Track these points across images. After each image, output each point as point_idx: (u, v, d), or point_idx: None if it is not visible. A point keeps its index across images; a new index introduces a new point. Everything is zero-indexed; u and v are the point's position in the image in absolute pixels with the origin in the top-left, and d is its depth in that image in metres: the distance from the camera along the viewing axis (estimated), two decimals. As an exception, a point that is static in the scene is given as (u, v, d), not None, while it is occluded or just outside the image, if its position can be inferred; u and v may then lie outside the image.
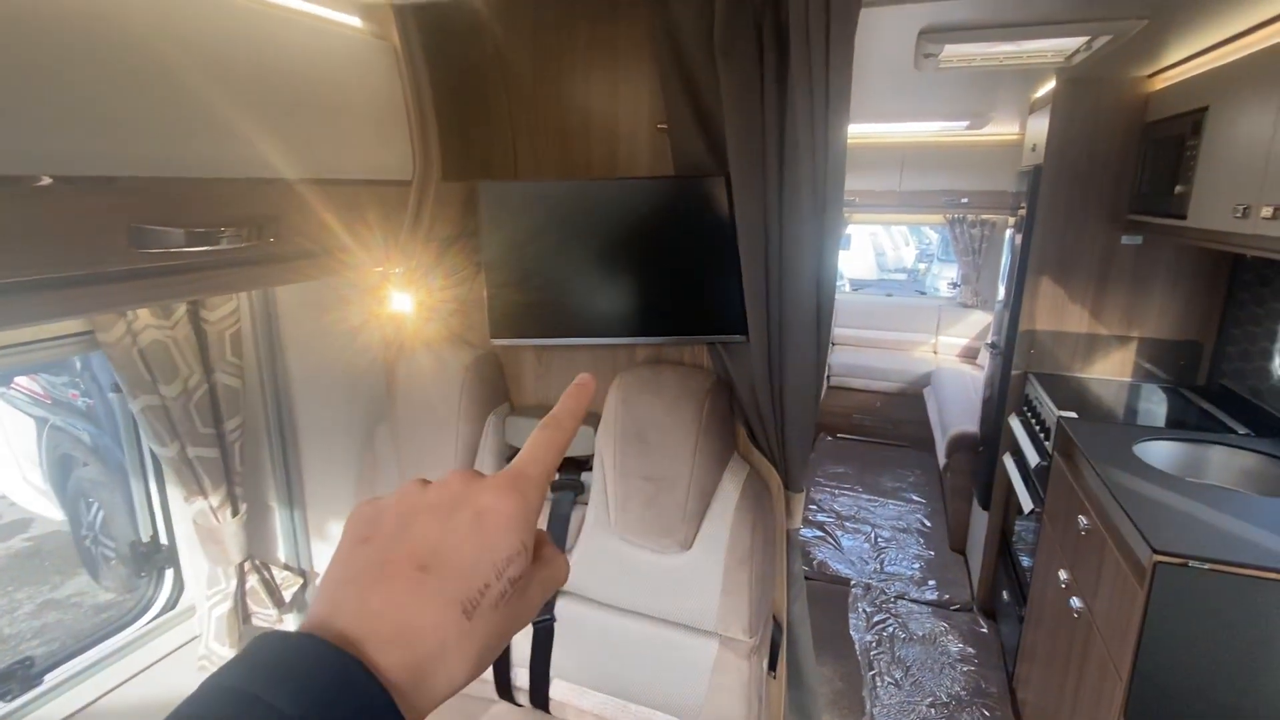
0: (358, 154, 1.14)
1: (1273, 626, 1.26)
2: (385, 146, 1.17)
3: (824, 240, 1.18)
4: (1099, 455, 1.76)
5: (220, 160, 0.89)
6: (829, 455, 4.64)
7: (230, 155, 0.90)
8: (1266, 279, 2.15)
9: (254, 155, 0.94)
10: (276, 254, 1.03)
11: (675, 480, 1.28)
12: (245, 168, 0.93)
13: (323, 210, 1.08)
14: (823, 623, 2.82)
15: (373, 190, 1.17)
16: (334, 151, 1.09)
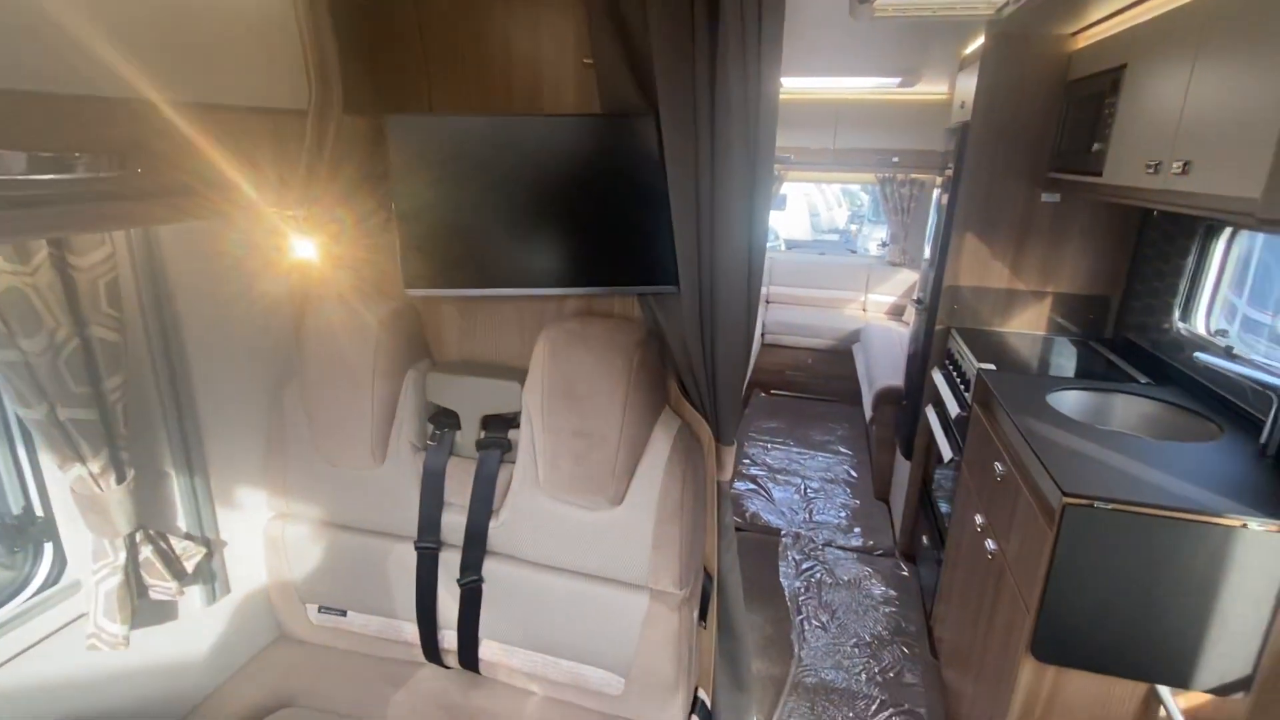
0: (242, 77, 1.01)
1: (1167, 561, 1.34)
2: (276, 70, 1.05)
3: (755, 192, 1.14)
4: (1014, 405, 1.83)
5: (68, 73, 0.76)
6: (763, 411, 4.72)
7: (81, 68, 0.77)
8: (1170, 236, 2.26)
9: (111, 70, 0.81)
10: (148, 188, 0.90)
11: (606, 436, 1.24)
12: (100, 84, 0.80)
13: (202, 139, 0.95)
14: (755, 572, 2.89)
15: (263, 120, 1.05)
16: (213, 72, 0.97)
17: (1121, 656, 1.42)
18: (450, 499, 1.42)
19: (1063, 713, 1.51)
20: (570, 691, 1.43)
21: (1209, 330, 2.11)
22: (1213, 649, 1.36)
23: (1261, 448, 1.59)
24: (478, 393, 1.40)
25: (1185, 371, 2.07)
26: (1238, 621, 1.34)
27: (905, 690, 2.26)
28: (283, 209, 1.20)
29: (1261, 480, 1.46)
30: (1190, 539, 1.32)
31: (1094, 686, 1.47)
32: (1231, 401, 1.84)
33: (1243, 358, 1.82)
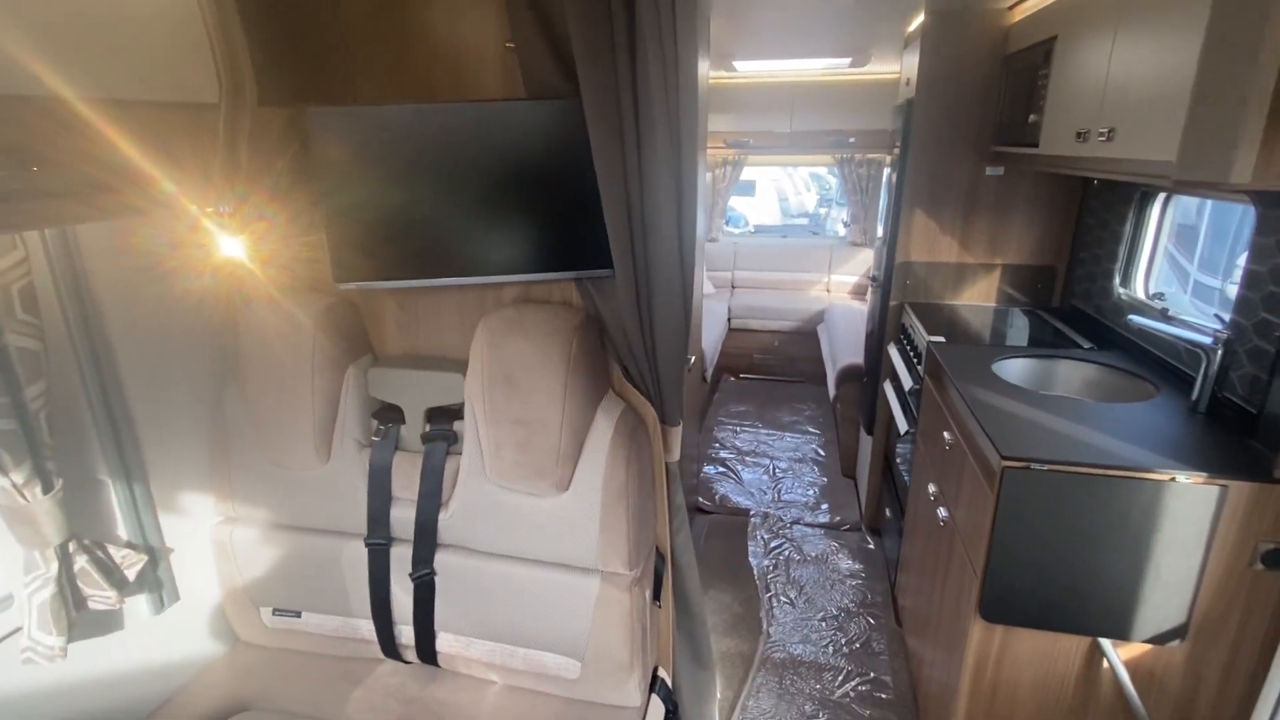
0: (152, 71, 0.99)
1: (1104, 517, 1.38)
2: (185, 64, 1.02)
3: (681, 174, 1.15)
4: (961, 375, 1.87)
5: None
6: (731, 396, 4.75)
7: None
8: (1108, 204, 2.32)
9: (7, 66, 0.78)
10: (51, 188, 0.88)
11: (547, 422, 1.24)
12: (-9, 81, 0.78)
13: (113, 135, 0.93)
14: (724, 553, 2.92)
15: (179, 115, 1.02)
16: (120, 67, 0.94)
17: (1064, 613, 1.46)
18: (398, 494, 1.41)
19: (1012, 670, 1.55)
20: (529, 678, 1.44)
21: (1147, 295, 2.17)
22: (1149, 600, 1.41)
23: (1193, 404, 1.65)
24: (420, 386, 1.39)
25: (1126, 335, 2.13)
26: (1171, 572, 1.39)
27: (872, 659, 2.31)
28: (207, 206, 1.18)
29: (1191, 435, 1.51)
30: (1123, 495, 1.36)
31: (1040, 643, 1.52)
32: (1168, 362, 1.90)
33: (1176, 319, 1.88)
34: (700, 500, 3.33)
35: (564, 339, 1.24)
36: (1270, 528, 1.34)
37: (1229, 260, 2.07)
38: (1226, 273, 2.16)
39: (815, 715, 2.09)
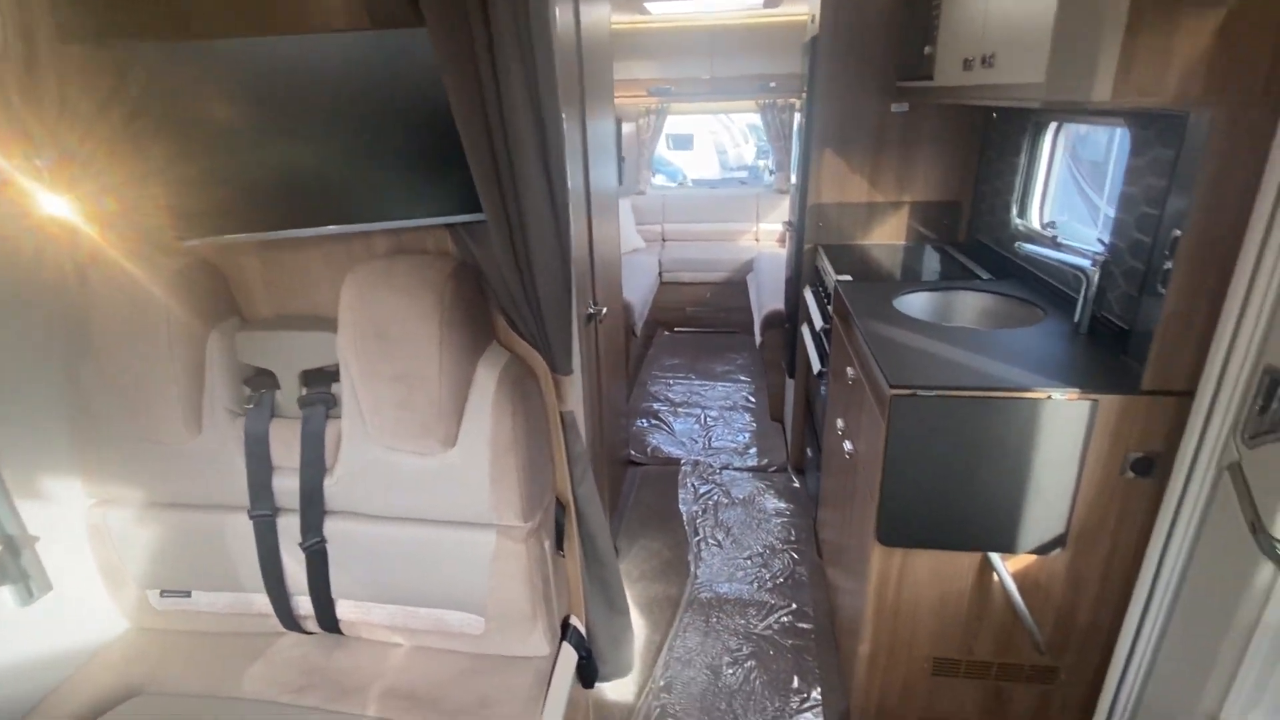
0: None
1: (987, 437, 1.43)
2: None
3: (544, 116, 1.09)
4: (863, 311, 1.89)
5: None
6: (665, 350, 4.76)
7: None
8: (1005, 135, 2.36)
9: None
10: None
11: (426, 377, 1.19)
12: None
13: None
14: (655, 502, 2.95)
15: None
16: None
17: (955, 531, 1.53)
18: (279, 462, 1.34)
19: (912, 589, 1.62)
20: (433, 637, 1.42)
21: (1042, 224, 2.23)
22: (1031, 514, 1.48)
23: (1075, 325, 1.71)
24: (292, 348, 1.32)
25: (1021, 265, 2.19)
26: (1050, 486, 1.45)
27: (795, 592, 2.39)
28: (19, 159, 1.06)
29: (1071, 355, 1.57)
30: (1003, 415, 1.41)
31: (936, 562, 1.58)
32: (1057, 287, 1.97)
33: (1064, 245, 1.94)
34: (632, 453, 3.34)
35: (436, 289, 1.18)
36: (1138, 438, 1.41)
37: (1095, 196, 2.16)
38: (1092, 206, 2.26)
39: (740, 649, 2.15)
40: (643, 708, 1.94)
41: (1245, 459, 1.20)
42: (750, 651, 2.13)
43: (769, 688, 2.01)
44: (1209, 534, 1.29)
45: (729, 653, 2.14)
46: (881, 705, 1.78)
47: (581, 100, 1.93)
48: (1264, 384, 1.16)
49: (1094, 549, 1.52)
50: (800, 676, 2.04)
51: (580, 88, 1.91)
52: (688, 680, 2.04)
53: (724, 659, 2.11)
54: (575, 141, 1.89)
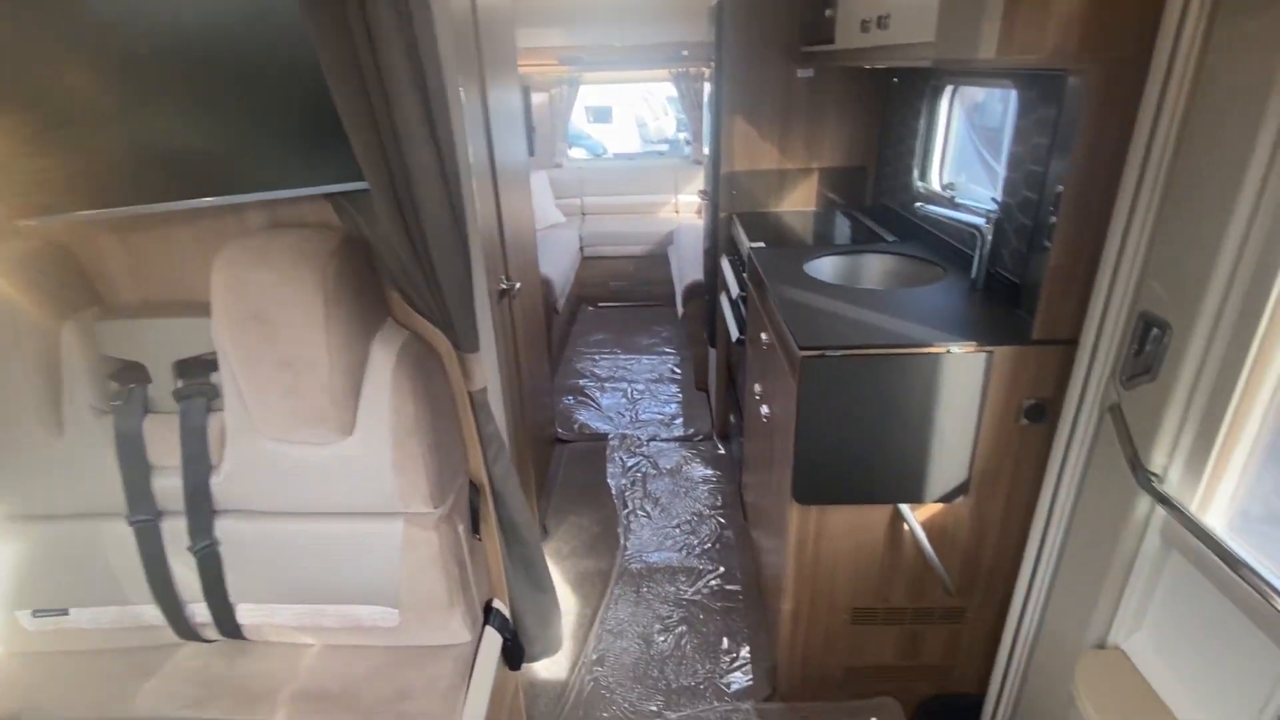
0: None
1: (892, 393, 1.47)
2: None
3: (426, 80, 1.01)
4: (775, 277, 1.91)
5: None
6: (590, 325, 4.71)
7: None
8: (906, 100, 2.41)
9: None
10: None
11: (313, 362, 1.11)
12: None
13: None
14: (583, 478, 2.93)
15: None
16: None
17: (867, 486, 1.57)
18: (157, 461, 1.23)
19: (829, 544, 1.67)
20: (346, 635, 1.35)
21: (941, 186, 2.31)
22: (936, 464, 1.54)
23: (972, 282, 1.78)
24: (163, 336, 1.20)
25: (922, 226, 2.26)
26: (952, 436, 1.51)
27: (722, 556, 2.43)
28: None
29: (968, 310, 1.63)
30: (907, 371, 1.46)
31: (850, 516, 1.63)
32: (955, 246, 2.04)
33: (961, 205, 2.01)
34: (559, 430, 3.30)
35: (318, 266, 1.09)
36: (1030, 385, 1.48)
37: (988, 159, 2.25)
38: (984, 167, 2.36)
39: (670, 615, 2.17)
40: (575, 683, 1.94)
41: (1124, 400, 1.28)
42: (681, 617, 2.16)
43: (700, 651, 2.04)
44: (1094, 472, 1.37)
45: (660, 620, 2.16)
46: (806, 657, 1.84)
47: (480, 68, 1.84)
48: (1138, 328, 1.23)
49: (994, 493, 1.60)
50: (729, 637, 2.09)
51: (478, 55, 1.82)
52: (620, 651, 2.05)
53: (655, 627, 2.13)
54: (476, 112, 1.80)
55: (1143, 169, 1.19)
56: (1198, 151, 1.09)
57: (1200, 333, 1.10)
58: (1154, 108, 1.15)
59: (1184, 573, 1.20)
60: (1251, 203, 1.01)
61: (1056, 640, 1.50)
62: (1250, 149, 0.99)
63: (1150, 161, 1.17)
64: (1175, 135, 1.13)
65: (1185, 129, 1.11)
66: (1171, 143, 1.13)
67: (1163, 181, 1.16)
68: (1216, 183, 1.05)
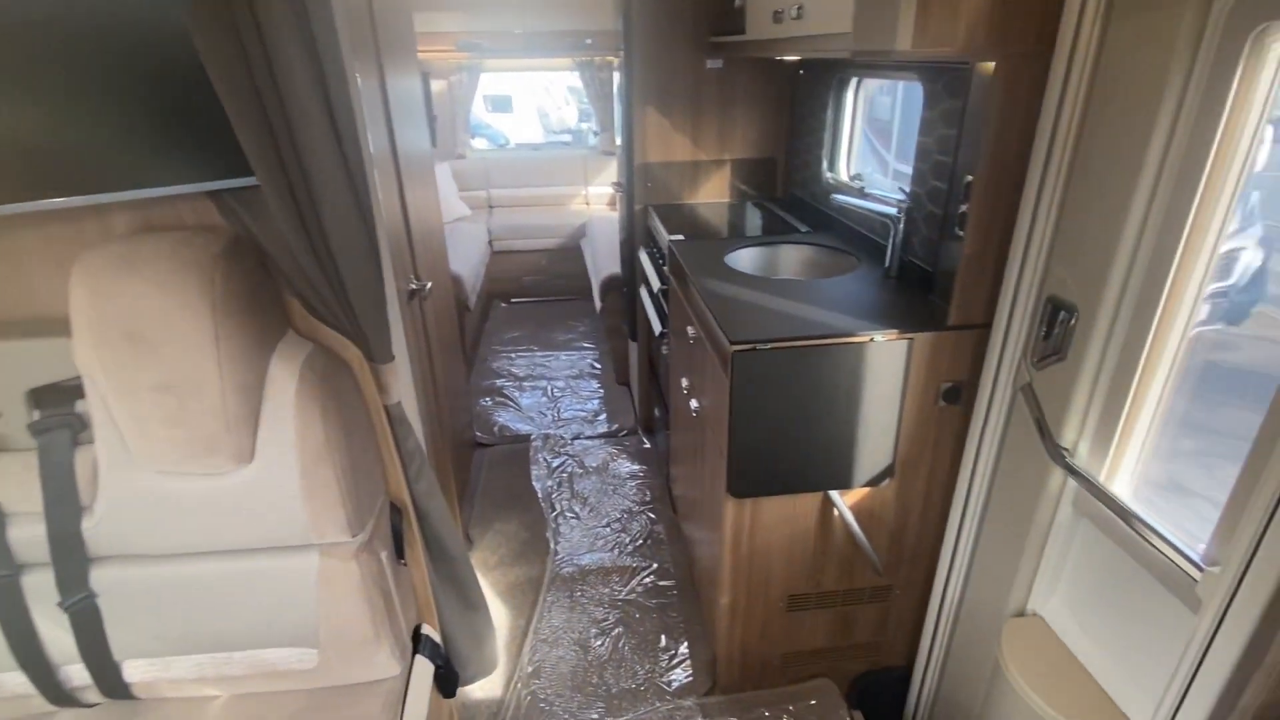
0: None
1: (821, 383, 1.49)
2: None
3: (323, 62, 0.91)
4: (697, 269, 1.89)
5: None
6: (504, 322, 4.57)
7: None
8: (812, 92, 2.46)
9: None
10: None
11: (201, 383, 0.98)
12: None
13: None
14: (507, 483, 2.83)
15: None
16: None
17: (799, 475, 1.59)
18: (13, 508, 1.05)
19: (764, 534, 1.67)
20: (257, 682, 1.22)
21: (849, 176, 2.37)
22: (863, 449, 1.58)
23: (886, 270, 1.83)
24: (11, 362, 1.02)
25: (834, 216, 2.32)
26: (877, 422, 1.55)
27: (654, 552, 2.41)
28: None
29: (885, 299, 1.67)
30: (834, 360, 1.47)
31: (783, 506, 1.64)
32: (867, 236, 2.10)
33: (870, 195, 2.06)
34: (478, 434, 3.18)
35: (203, 273, 0.96)
36: (947, 369, 1.54)
37: (908, 145, 2.34)
38: (907, 155, 2.45)
39: (606, 618, 2.13)
40: (511, 700, 1.86)
41: (1035, 379, 1.35)
42: (617, 619, 2.12)
43: (638, 651, 2.01)
44: (1009, 449, 1.44)
45: (596, 624, 2.11)
46: (744, 648, 1.85)
47: (377, 51, 1.70)
48: (1046, 311, 1.29)
49: (916, 474, 1.65)
50: (667, 634, 2.07)
51: (374, 36, 1.68)
52: (556, 660, 1.98)
53: (591, 631, 2.08)
54: (375, 99, 1.67)
55: (1046, 160, 1.24)
56: (1097, 142, 1.15)
57: (1105, 315, 1.17)
58: (1056, 100, 1.20)
59: (1093, 539, 1.28)
60: (1149, 191, 1.07)
61: (980, 610, 1.57)
62: (1146, 140, 1.05)
63: (1054, 153, 1.22)
64: (1076, 127, 1.18)
65: (1085, 121, 1.17)
66: (1073, 134, 1.19)
67: (1065, 171, 1.21)
68: (1116, 172, 1.11)
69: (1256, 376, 1.06)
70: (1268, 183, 1.02)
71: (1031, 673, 1.32)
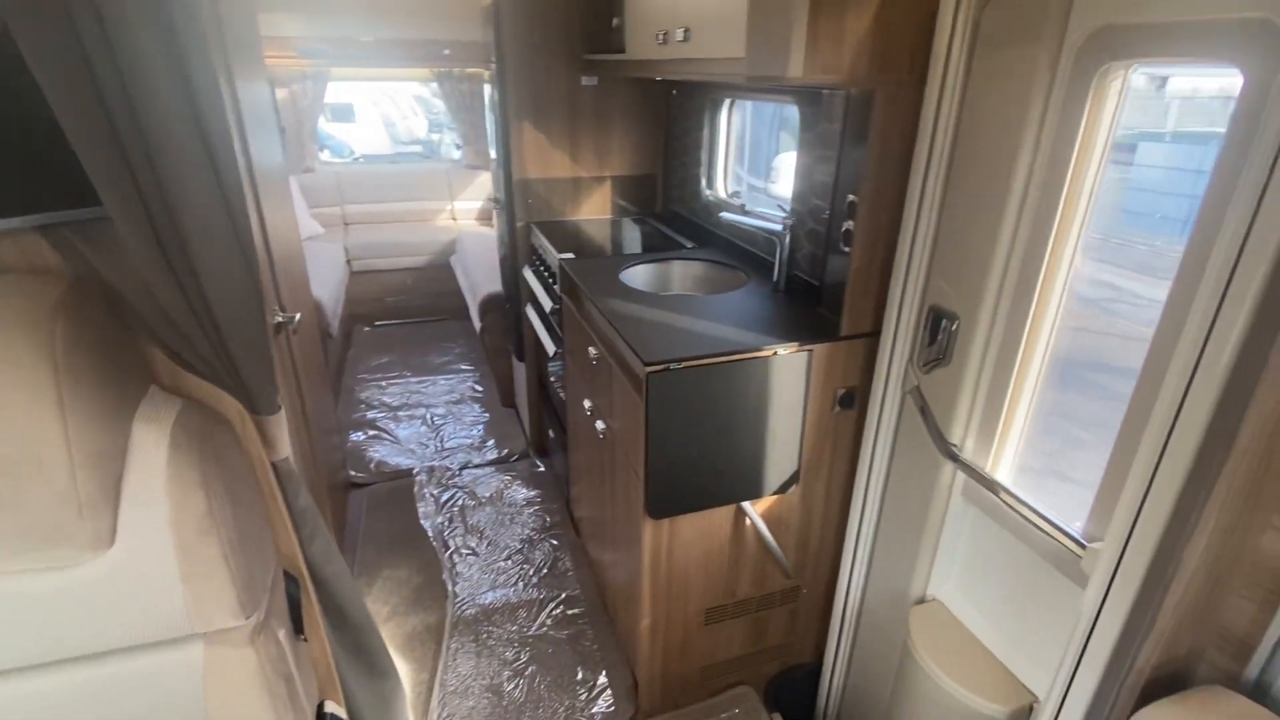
0: None
1: (732, 397, 1.51)
2: None
3: (191, 69, 0.78)
4: (595, 289, 1.86)
5: None
6: (369, 348, 4.26)
7: None
8: (686, 111, 2.52)
9: None
10: None
11: (43, 457, 0.80)
12: None
13: None
14: (392, 525, 2.62)
15: None
16: None
17: (714, 491, 1.60)
18: None
19: (682, 551, 1.67)
20: (125, 806, 1.02)
21: (727, 193, 2.45)
22: (771, 459, 1.62)
23: (774, 285, 1.90)
24: None
25: (717, 232, 2.39)
26: (783, 431, 1.60)
27: (560, 580, 2.33)
28: None
29: (778, 312, 1.73)
30: (744, 375, 1.50)
31: (699, 521, 1.65)
32: (751, 251, 2.18)
33: (752, 212, 2.14)
34: (353, 474, 2.92)
35: (38, 327, 0.78)
36: (841, 376, 1.62)
37: (766, 167, 2.45)
38: (766, 175, 2.57)
39: (518, 658, 2.03)
40: (424, 762, 1.72)
41: (922, 382, 1.45)
42: (530, 657, 2.03)
43: (555, 688, 1.93)
44: (901, 447, 1.55)
45: (508, 666, 2.00)
46: (665, 668, 1.84)
47: (225, 54, 1.51)
48: (929, 319, 1.40)
49: (818, 478, 1.73)
50: (584, 665, 2.01)
51: (222, 38, 1.49)
52: (468, 712, 1.86)
53: (504, 674, 1.97)
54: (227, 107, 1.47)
55: (924, 181, 1.35)
56: (969, 165, 1.27)
57: (984, 321, 1.29)
58: (930, 127, 1.31)
59: (983, 526, 1.40)
60: (1016, 209, 1.19)
61: (883, 599, 1.67)
62: (1013, 164, 1.17)
63: (930, 175, 1.33)
64: (948, 151, 1.30)
65: (957, 146, 1.28)
66: (945, 158, 1.30)
67: (941, 192, 1.32)
68: (987, 192, 1.22)
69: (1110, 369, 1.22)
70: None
71: (937, 654, 1.42)
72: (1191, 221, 0.94)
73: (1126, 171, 1.22)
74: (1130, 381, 1.04)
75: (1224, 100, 0.97)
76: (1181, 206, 1.20)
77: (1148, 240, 1.30)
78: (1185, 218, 1.02)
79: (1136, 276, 1.24)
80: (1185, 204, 1.15)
